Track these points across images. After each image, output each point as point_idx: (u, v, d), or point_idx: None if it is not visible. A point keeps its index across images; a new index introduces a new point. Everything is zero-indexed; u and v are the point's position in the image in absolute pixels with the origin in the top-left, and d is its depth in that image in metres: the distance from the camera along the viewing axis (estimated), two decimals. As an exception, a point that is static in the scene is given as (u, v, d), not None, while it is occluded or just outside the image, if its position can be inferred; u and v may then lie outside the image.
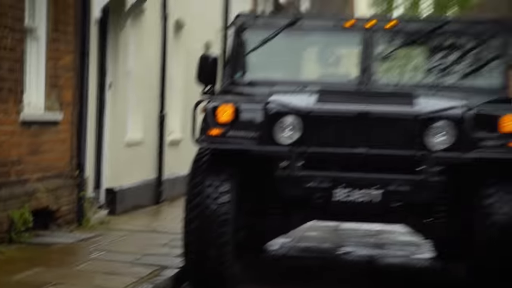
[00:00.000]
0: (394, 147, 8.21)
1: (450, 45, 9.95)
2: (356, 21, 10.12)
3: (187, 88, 17.87)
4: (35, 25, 11.01)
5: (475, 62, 9.75)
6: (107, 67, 13.74)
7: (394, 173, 8.27)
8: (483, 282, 8.34)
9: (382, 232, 13.52)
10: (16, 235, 9.77)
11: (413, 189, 8.20)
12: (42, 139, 10.94)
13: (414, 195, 8.24)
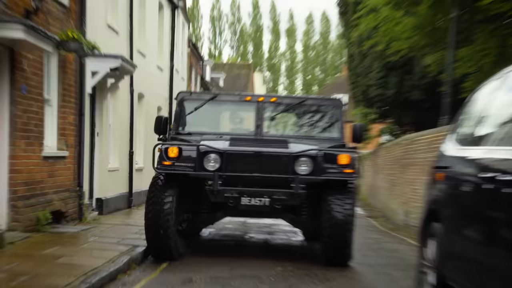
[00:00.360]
0: (276, 173, 9.84)
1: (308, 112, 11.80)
2: (252, 97, 11.70)
3: (146, 136, 19.27)
4: (50, 97, 12.12)
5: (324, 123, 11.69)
6: (96, 122, 14.81)
7: (277, 188, 9.80)
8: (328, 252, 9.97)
9: (273, 225, 14.89)
10: (41, 227, 11.09)
11: (288, 197, 9.74)
12: (55, 167, 12.24)
13: (288, 201, 9.80)
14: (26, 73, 10.63)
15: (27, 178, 10.86)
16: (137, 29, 17.73)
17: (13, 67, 10.17)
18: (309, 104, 11.74)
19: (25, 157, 10.80)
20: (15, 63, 10.22)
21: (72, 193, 12.99)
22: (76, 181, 13.29)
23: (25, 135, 10.73)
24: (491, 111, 5.88)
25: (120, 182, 16.96)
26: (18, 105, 10.40)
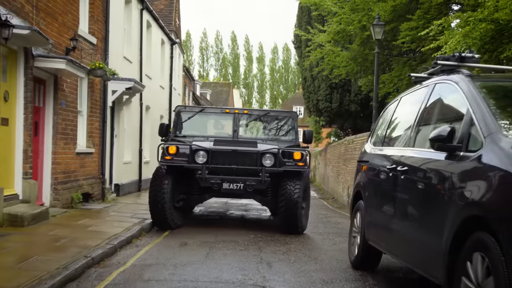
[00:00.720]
0: (248, 165, 9.76)
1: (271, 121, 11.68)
2: (230, 110, 11.46)
3: (151, 137, 18.71)
4: (82, 109, 12.06)
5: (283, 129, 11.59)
6: (114, 127, 14.49)
7: (248, 176, 9.73)
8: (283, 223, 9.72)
9: (248, 204, 14.58)
10: (74, 204, 11.11)
11: (257, 183, 9.66)
12: (85, 160, 12.13)
13: (257, 186, 9.70)
14: (65, 92, 10.68)
15: (64, 168, 10.90)
16: (145, 58, 17.63)
17: (56, 88, 10.24)
18: (272, 115, 11.77)
19: (63, 153, 10.82)
20: (58, 85, 10.28)
21: (97, 179, 12.91)
22: (100, 171, 13.18)
23: (63, 137, 10.77)
24: (390, 124, 6.32)
25: (132, 172, 16.68)
26: (59, 115, 10.44)
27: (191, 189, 10.23)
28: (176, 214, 9.78)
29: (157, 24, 19.20)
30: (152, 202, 9.53)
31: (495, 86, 4.57)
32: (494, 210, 3.31)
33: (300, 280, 5.78)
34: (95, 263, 6.25)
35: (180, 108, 11.48)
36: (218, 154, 9.77)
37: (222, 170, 9.74)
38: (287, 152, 9.91)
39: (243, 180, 9.66)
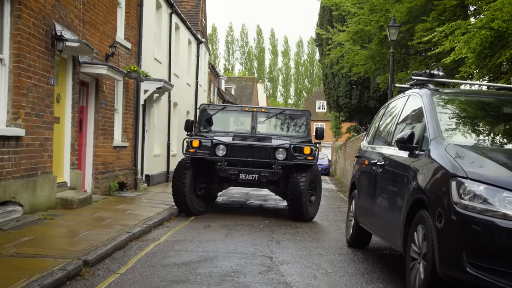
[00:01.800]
0: (263, 158, 10.52)
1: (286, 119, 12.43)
2: (249, 108, 12.22)
3: (178, 132, 19.63)
4: (118, 107, 13.22)
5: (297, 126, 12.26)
6: (145, 123, 15.61)
7: (263, 168, 10.49)
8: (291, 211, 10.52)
9: (267, 195, 15.24)
10: (111, 192, 12.25)
11: (270, 175, 10.43)
12: (120, 153, 13.28)
13: (270, 177, 10.45)
14: (105, 93, 12.06)
15: (103, 160, 12.23)
16: (174, 59, 18.90)
17: (97, 89, 11.66)
18: (287, 113, 12.49)
19: (103, 146, 12.16)
20: (99, 87, 11.69)
21: (130, 170, 14.12)
22: (133, 163, 14.37)
23: (103, 133, 12.09)
24: (379, 125, 7.57)
25: (161, 164, 17.62)
26: (99, 113, 11.82)
27: (212, 179, 11.05)
28: (198, 201, 10.70)
29: (185, 26, 20.58)
30: (174, 190, 10.49)
31: (449, 99, 5.86)
32: (429, 194, 4.63)
33: (301, 253, 7.15)
34: (135, 238, 7.68)
35: (204, 106, 12.40)
36: (236, 148, 10.56)
37: (239, 162, 10.55)
38: (298, 147, 10.69)
39: (258, 172, 10.46)
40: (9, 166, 7.72)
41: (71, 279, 5.18)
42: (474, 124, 5.44)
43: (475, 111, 5.75)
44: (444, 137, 5.02)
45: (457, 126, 5.27)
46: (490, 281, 3.92)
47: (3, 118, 7.83)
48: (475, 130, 5.29)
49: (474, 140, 5.05)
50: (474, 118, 5.59)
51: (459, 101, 5.89)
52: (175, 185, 10.50)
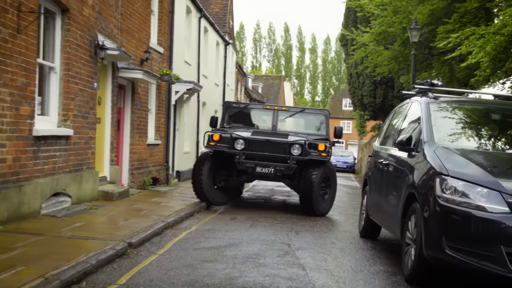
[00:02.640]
0: (279, 153, 11.01)
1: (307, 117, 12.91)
2: (270, 106, 12.73)
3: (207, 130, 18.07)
4: (151, 108, 14.16)
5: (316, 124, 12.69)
6: (176, 122, 16.41)
7: (278, 162, 10.97)
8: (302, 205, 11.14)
9: (291, 191, 15.41)
10: (146, 186, 13.10)
11: (285, 169, 10.91)
12: (153, 150, 14.19)
13: (285, 171, 10.93)
14: (140, 95, 13.12)
15: (138, 157, 13.25)
16: (203, 60, 19.92)
17: (133, 91, 12.73)
18: (307, 112, 12.95)
19: (138, 144, 13.18)
20: (134, 90, 12.75)
21: (162, 166, 15.09)
22: (165, 159, 15.36)
23: (138, 131, 13.10)
24: (388, 128, 8.47)
25: (190, 160, 18.22)
26: (135, 114, 12.87)
27: (231, 172, 11.63)
28: (217, 192, 11.40)
29: (213, 28, 21.64)
30: (193, 181, 11.27)
31: (445, 107, 6.73)
32: (419, 189, 5.54)
33: (316, 241, 8.10)
34: (170, 226, 8.72)
35: (228, 104, 13.11)
36: (254, 142, 11.09)
37: (256, 156, 11.07)
38: (313, 144, 11.17)
39: (273, 166, 10.98)
40: (60, 162, 8.85)
41: (119, 257, 6.24)
42: (463, 129, 6.30)
43: (466, 117, 6.62)
44: (435, 140, 5.91)
45: (447, 131, 6.14)
46: (464, 260, 4.82)
47: (54, 119, 8.95)
48: (463, 135, 6.16)
49: (460, 144, 5.92)
50: (463, 124, 6.46)
51: (453, 109, 6.76)
52: (194, 176, 11.21)
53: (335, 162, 35.26)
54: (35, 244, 6.16)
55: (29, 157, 7.80)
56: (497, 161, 5.47)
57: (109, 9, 10.80)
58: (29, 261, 5.33)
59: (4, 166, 7.09)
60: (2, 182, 7.02)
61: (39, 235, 6.70)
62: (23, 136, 7.60)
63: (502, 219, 4.70)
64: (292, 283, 5.47)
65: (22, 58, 7.42)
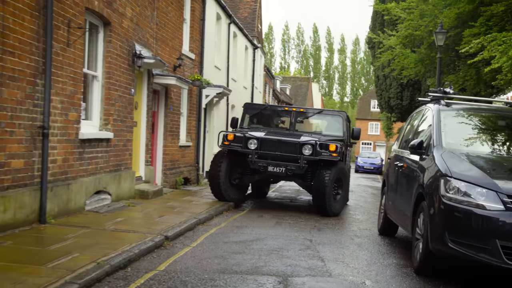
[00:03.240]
0: (290, 153, 11.26)
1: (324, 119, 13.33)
2: (288, 108, 13.15)
3: None
4: (183, 111, 14.91)
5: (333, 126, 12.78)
6: (206, 125, 17.21)
7: (290, 162, 11.20)
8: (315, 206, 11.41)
9: None
10: (178, 186, 13.82)
11: (296, 168, 11.15)
12: (185, 152, 14.92)
13: (296, 170, 11.18)
14: (172, 99, 13.94)
15: (171, 158, 14.02)
16: (232, 64, 20.69)
17: (166, 96, 13.55)
18: (324, 113, 13.33)
19: (170, 146, 13.96)
20: (168, 95, 13.57)
21: (193, 167, 15.92)
22: (195, 160, 16.17)
23: (170, 134, 13.89)
24: (405, 132, 9.08)
25: None
26: (168, 117, 13.68)
27: (244, 170, 11.99)
28: (232, 189, 11.85)
29: (242, 33, 22.42)
30: (210, 178, 11.79)
31: (455, 114, 7.33)
32: (427, 189, 6.18)
33: (336, 238, 8.77)
34: (201, 223, 9.48)
35: (247, 105, 13.53)
36: (266, 142, 11.41)
37: (269, 156, 11.36)
38: (324, 144, 11.32)
39: (285, 165, 11.21)
40: (102, 163, 9.73)
41: (157, 248, 7.04)
42: (469, 135, 6.91)
43: (474, 124, 7.22)
44: (443, 145, 6.53)
45: (455, 137, 6.75)
46: (464, 252, 5.45)
47: (96, 123, 9.83)
48: (469, 140, 6.76)
49: (466, 148, 6.54)
50: (471, 130, 7.06)
51: (462, 116, 7.37)
52: (211, 173, 11.66)
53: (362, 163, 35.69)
54: (84, 236, 6.99)
55: (75, 158, 8.66)
56: (497, 165, 6.07)
57: (146, 20, 11.65)
58: (81, 249, 6.15)
59: (55, 166, 7.96)
60: (53, 180, 7.89)
61: (87, 228, 7.54)
62: (71, 139, 8.46)
63: (498, 216, 5.31)
64: (311, 271, 6.18)
65: (71, 69, 8.28)
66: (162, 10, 12.70)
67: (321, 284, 5.67)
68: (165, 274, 5.73)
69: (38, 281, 4.75)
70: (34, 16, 7.09)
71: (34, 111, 7.28)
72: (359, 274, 6.24)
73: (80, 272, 5.18)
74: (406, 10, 21.42)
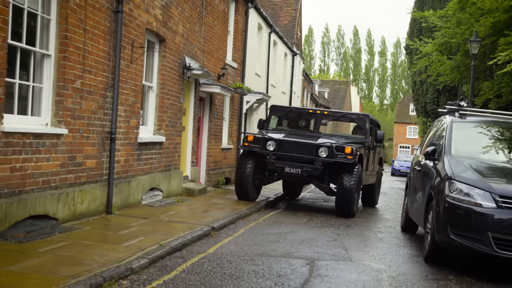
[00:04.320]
0: (307, 154, 11.55)
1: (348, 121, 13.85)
2: (313, 110, 13.53)
3: None
4: (225, 116, 16.21)
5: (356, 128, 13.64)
6: (247, 128, 18.42)
7: (306, 164, 11.53)
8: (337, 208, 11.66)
9: None
10: (219, 185, 15.09)
11: (312, 170, 11.47)
12: (226, 154, 16.24)
13: (312, 172, 11.49)
14: (216, 106, 15.30)
15: (214, 159, 15.37)
16: (271, 71, 21.95)
17: (211, 103, 14.95)
18: (348, 116, 13.70)
19: (213, 148, 15.29)
20: (212, 101, 14.98)
21: (234, 168, 16.85)
22: (236, 162, 16.85)
23: (214, 137, 15.21)
24: (426, 139, 10.17)
25: None
26: (212, 122, 15.03)
27: (264, 171, 12.44)
28: (255, 190, 12.38)
29: (282, 41, 23.70)
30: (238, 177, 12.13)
31: (467, 125, 8.42)
32: (435, 189, 7.32)
33: (361, 233, 9.95)
34: (241, 217, 10.77)
35: (273, 107, 13.98)
36: (284, 144, 11.71)
37: (286, 157, 11.66)
38: (341, 147, 11.54)
39: (301, 166, 11.50)
40: (155, 163, 11.17)
41: (205, 236, 8.38)
42: (476, 144, 8.00)
43: (482, 134, 8.30)
44: (452, 152, 7.66)
45: (463, 145, 7.86)
46: (463, 243, 6.59)
47: (151, 128, 11.28)
48: (475, 149, 7.86)
49: (471, 155, 7.63)
50: (479, 140, 8.14)
51: (474, 127, 8.46)
52: (239, 174, 11.98)
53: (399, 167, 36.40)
54: (144, 225, 8.41)
55: (134, 159, 10.12)
56: (494, 170, 7.17)
57: (194, 35, 13.08)
58: (145, 234, 7.55)
59: (119, 165, 9.43)
60: (117, 178, 9.36)
61: (145, 218, 8.96)
62: (131, 143, 9.92)
63: (491, 212, 6.43)
64: (334, 257, 7.42)
65: (133, 82, 9.73)
66: (209, 24, 14.10)
67: (341, 266, 6.90)
68: (213, 255, 7.06)
69: (118, 255, 6.15)
70: (107, 39, 8.55)
71: (104, 119, 8.74)
72: (375, 260, 7.43)
73: (148, 251, 6.55)
74: (443, 18, 22.20)
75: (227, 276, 6.04)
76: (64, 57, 7.46)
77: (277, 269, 6.52)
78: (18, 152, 6.58)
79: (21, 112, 7.00)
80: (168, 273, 6.02)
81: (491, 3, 16.76)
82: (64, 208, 7.64)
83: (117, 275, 5.49)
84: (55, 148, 7.38)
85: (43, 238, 6.68)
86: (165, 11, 10.98)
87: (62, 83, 7.49)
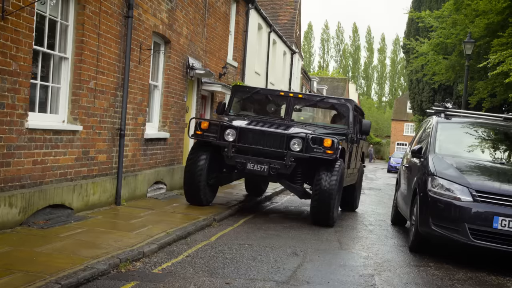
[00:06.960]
0: (276, 147, 9.46)
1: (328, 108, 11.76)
2: (285, 93, 11.25)
3: None
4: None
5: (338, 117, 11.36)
6: None
7: (274, 159, 9.42)
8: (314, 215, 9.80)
9: None
10: None
11: (281, 167, 9.40)
12: None
13: (281, 170, 9.40)
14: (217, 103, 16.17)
15: None
16: (271, 69, 22.67)
17: (212, 100, 15.73)
18: (328, 101, 11.22)
19: None
20: (213, 99, 15.77)
21: None
22: None
23: None
24: (414, 138, 10.89)
25: None
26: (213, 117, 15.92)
27: (222, 168, 10.41)
28: (207, 191, 10.27)
29: (281, 40, 24.41)
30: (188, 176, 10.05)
31: (451, 126, 9.13)
32: (419, 185, 8.04)
33: (353, 225, 10.67)
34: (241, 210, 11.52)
35: (236, 88, 11.67)
36: (247, 133, 9.60)
37: (249, 150, 9.59)
38: (318, 138, 9.49)
39: (268, 162, 9.39)
40: (160, 158, 11.88)
41: (208, 226, 9.09)
42: (458, 143, 8.71)
43: (465, 134, 9.02)
44: (436, 151, 8.37)
45: (446, 144, 8.58)
46: (442, 233, 7.31)
47: (156, 125, 11.98)
48: (457, 147, 8.58)
49: (453, 154, 8.34)
50: (462, 139, 8.86)
51: (458, 127, 9.18)
52: (188, 173, 9.89)
53: (395, 163, 37.15)
54: (151, 215, 9.12)
55: (141, 154, 10.83)
56: (473, 168, 7.88)
57: (197, 36, 13.77)
58: (152, 223, 8.27)
59: (127, 160, 10.14)
60: (125, 171, 10.07)
61: (152, 209, 9.67)
62: (138, 139, 10.63)
63: (467, 206, 7.15)
64: (326, 246, 8.13)
65: (140, 82, 10.43)
66: (211, 26, 14.79)
67: (331, 254, 7.61)
68: (215, 243, 7.78)
69: (130, 241, 6.86)
70: (118, 42, 9.25)
71: (114, 117, 9.44)
72: (364, 248, 8.17)
73: (156, 237, 7.27)
74: (439, 18, 22.88)
75: (228, 260, 6.75)
76: (80, 59, 8.15)
77: (274, 255, 7.19)
78: (39, 147, 7.28)
79: (41, 110, 7.68)
80: (176, 257, 6.73)
81: (485, 5, 17.41)
82: (78, 199, 8.35)
83: (131, 257, 6.20)
84: (71, 143, 8.08)
85: (61, 225, 7.39)
86: (171, 15, 11.67)
87: (78, 84, 8.19)
